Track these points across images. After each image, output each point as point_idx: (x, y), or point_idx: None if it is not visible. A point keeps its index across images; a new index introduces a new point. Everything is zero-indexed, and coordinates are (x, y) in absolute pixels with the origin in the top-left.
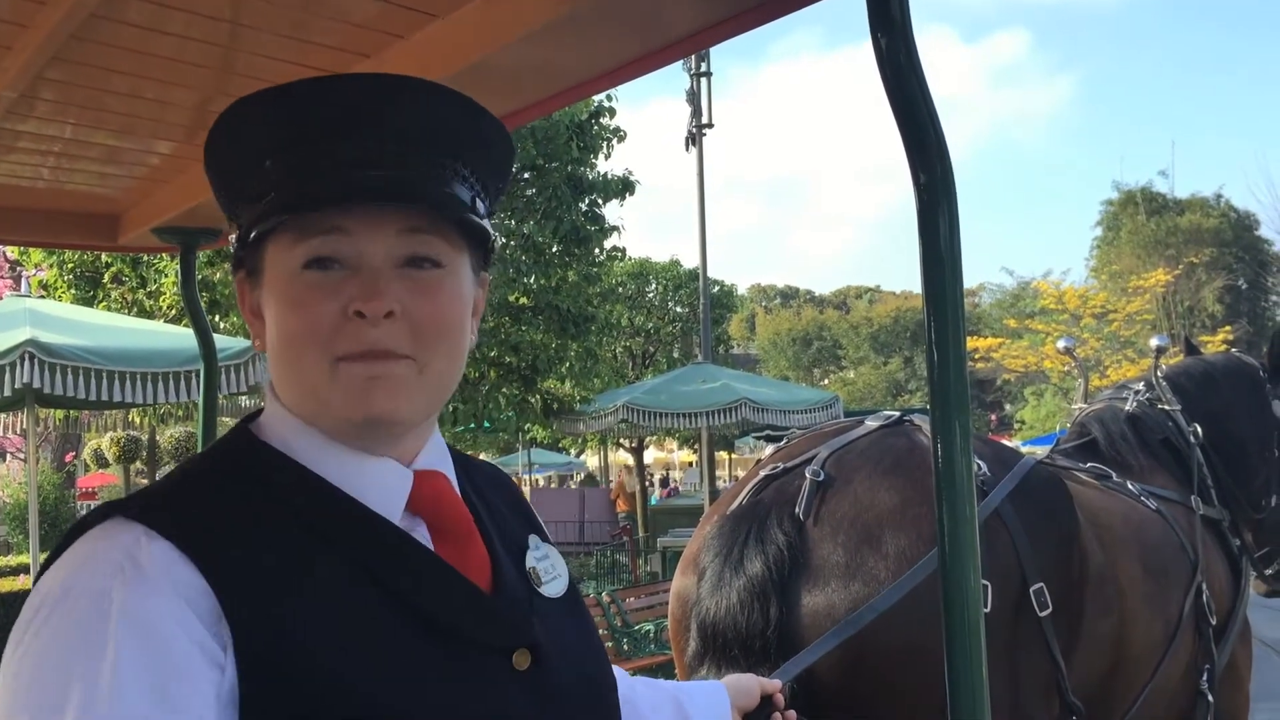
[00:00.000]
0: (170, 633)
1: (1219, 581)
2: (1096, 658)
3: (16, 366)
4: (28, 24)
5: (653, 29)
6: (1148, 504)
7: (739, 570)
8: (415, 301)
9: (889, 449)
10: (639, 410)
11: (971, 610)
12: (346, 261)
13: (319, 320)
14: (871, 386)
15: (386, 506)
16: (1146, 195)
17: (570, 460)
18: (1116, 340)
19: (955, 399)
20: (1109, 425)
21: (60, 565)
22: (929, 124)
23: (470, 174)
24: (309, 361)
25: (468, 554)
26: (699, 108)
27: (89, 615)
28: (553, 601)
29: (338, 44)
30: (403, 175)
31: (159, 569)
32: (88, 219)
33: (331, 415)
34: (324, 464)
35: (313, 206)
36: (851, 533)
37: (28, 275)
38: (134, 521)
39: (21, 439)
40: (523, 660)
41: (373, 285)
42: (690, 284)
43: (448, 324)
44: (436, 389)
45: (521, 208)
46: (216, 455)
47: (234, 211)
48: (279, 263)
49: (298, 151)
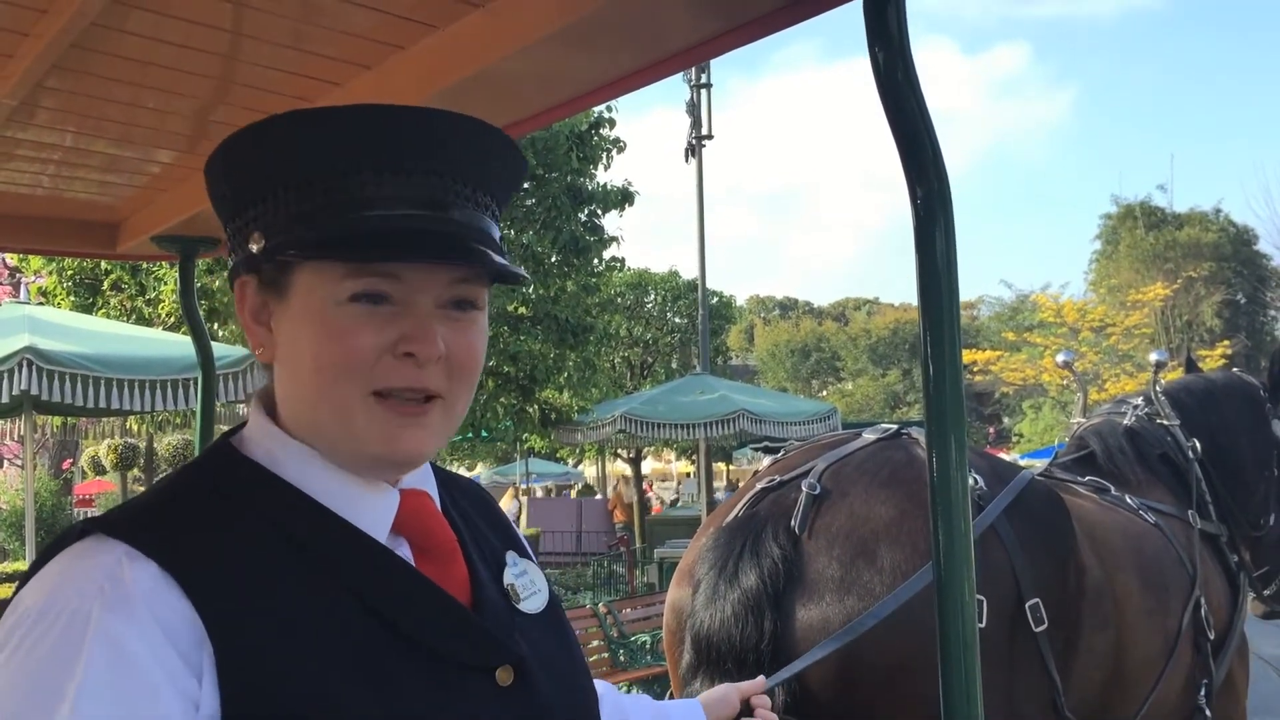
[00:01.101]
0: (144, 665)
1: (1217, 596)
2: (1094, 671)
3: (15, 373)
4: (28, 32)
5: (651, 42)
6: (1146, 518)
7: (734, 583)
8: (455, 343)
9: (885, 462)
10: (637, 421)
11: (967, 625)
12: (395, 299)
13: (362, 353)
14: (870, 398)
15: (373, 526)
16: (1145, 209)
17: (568, 470)
18: (1115, 354)
19: (951, 413)
20: (1107, 439)
21: (41, 581)
22: (926, 139)
23: (494, 204)
24: (342, 391)
25: (450, 572)
26: (699, 119)
27: (65, 636)
28: (533, 618)
29: (337, 55)
30: (463, 230)
31: (140, 593)
32: (87, 227)
33: (355, 446)
34: (312, 482)
35: (380, 256)
36: (847, 546)
37: (27, 282)
38: (117, 540)
39: (19, 446)
40: (505, 677)
41: (426, 328)
42: (689, 294)
43: (479, 362)
44: (455, 425)
45: (521, 218)
46: (199, 471)
47: (246, 219)
48: (319, 289)
49: (356, 180)
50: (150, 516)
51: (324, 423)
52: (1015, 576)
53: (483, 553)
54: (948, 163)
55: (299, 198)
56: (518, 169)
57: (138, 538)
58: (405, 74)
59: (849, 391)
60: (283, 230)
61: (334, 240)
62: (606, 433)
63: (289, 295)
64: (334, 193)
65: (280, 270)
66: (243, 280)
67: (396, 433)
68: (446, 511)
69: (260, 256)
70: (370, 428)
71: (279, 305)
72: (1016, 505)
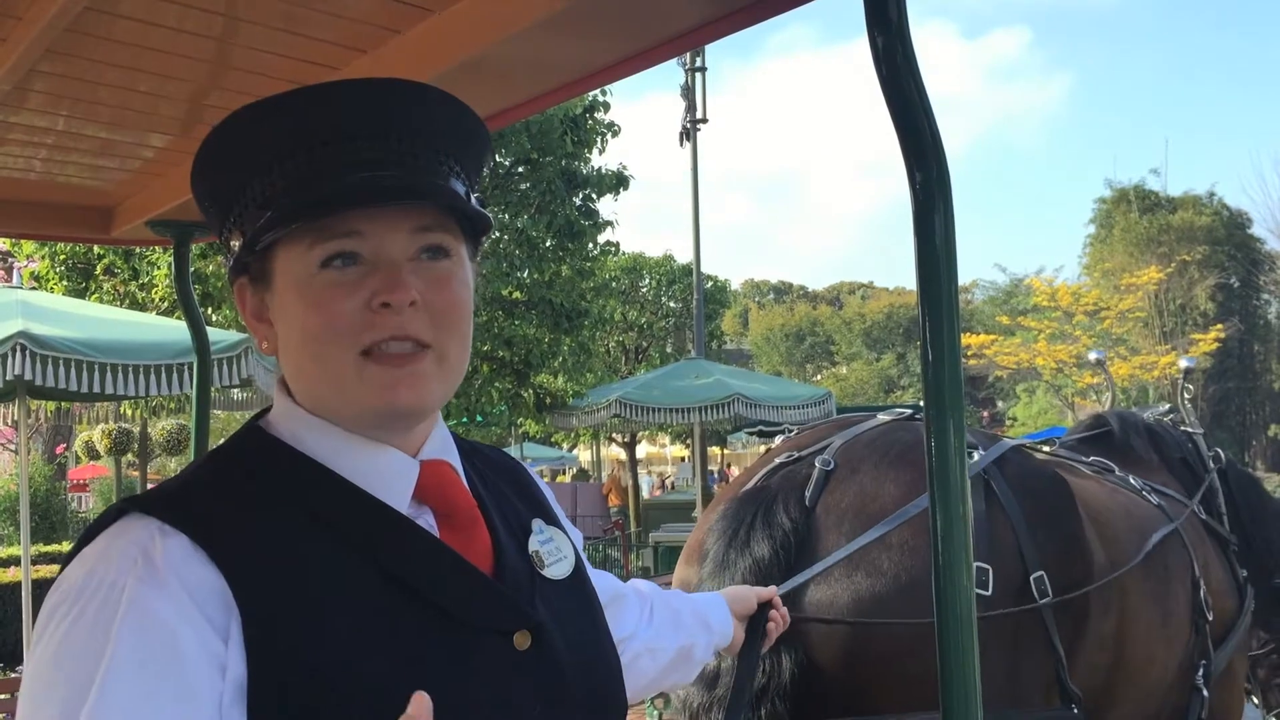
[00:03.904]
0: (174, 631)
1: (1218, 581)
2: (1100, 655)
3: (8, 358)
4: (22, 16)
5: (647, 26)
6: (1149, 499)
7: (745, 552)
8: (431, 291)
9: (895, 441)
10: (632, 405)
11: (964, 606)
12: (364, 259)
13: (343, 316)
14: (864, 382)
15: (394, 496)
16: (1139, 193)
17: (562, 455)
18: (1109, 338)
19: (950, 397)
20: (1127, 420)
21: (82, 559)
22: (925, 123)
23: (460, 168)
24: (335, 356)
25: (472, 539)
26: (693, 103)
27: (103, 608)
28: (556, 584)
29: (334, 39)
30: (413, 176)
31: (170, 564)
32: (81, 211)
33: (355, 407)
34: (334, 457)
35: (330, 211)
36: (856, 522)
37: (19, 267)
38: (150, 516)
39: (12, 431)
40: (523, 641)
41: (395, 277)
42: (683, 279)
43: (461, 310)
44: (452, 376)
45: (515, 202)
46: (228, 452)
47: (228, 224)
48: (294, 266)
49: (306, 157)
50: (182, 494)
51: (324, 391)
52: (1020, 551)
53: (507, 520)
54: (945, 149)
55: (262, 186)
56: (471, 127)
57: (169, 514)
58: (402, 58)
59: (843, 376)
60: (253, 220)
61: (292, 210)
62: (601, 417)
63: (273, 281)
64: (289, 172)
65: (262, 260)
66: (240, 283)
67: (392, 385)
68: (470, 481)
69: (243, 253)
70: (365, 386)
71: (269, 295)
72: (1022, 484)
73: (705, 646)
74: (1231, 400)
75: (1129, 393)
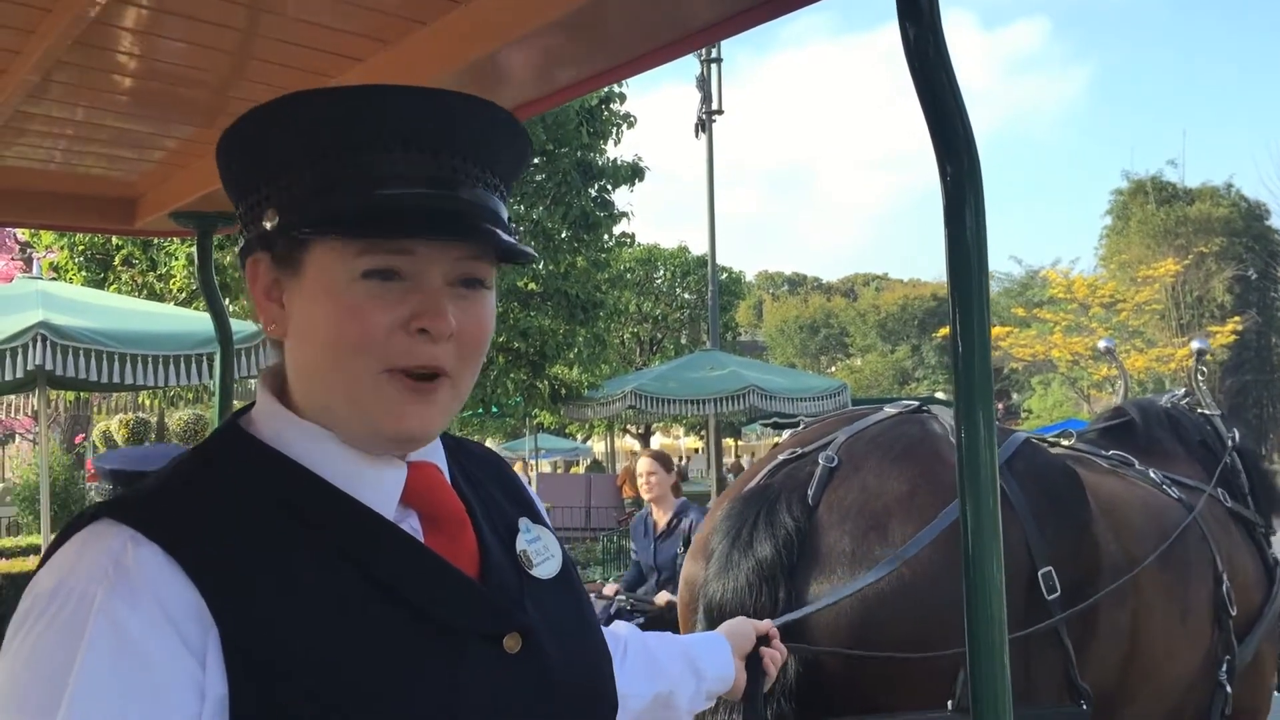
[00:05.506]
0: (145, 648)
1: (1244, 573)
2: (1112, 649)
3: (29, 348)
4: (51, 8)
5: (678, 18)
6: (1170, 492)
7: (747, 553)
8: (464, 319)
9: (900, 437)
10: (646, 396)
11: (994, 602)
12: (405, 275)
13: (375, 330)
14: (878, 374)
15: (381, 501)
16: (1156, 184)
17: (576, 446)
18: (1125, 330)
19: (980, 390)
20: (1148, 410)
21: (52, 565)
22: (957, 116)
23: (501, 184)
24: (356, 368)
25: (459, 542)
26: (709, 94)
27: (71, 619)
28: (545, 583)
29: (358, 30)
30: (474, 205)
31: (144, 577)
32: (105, 203)
33: (362, 422)
34: (320, 461)
35: (394, 234)
36: (859, 521)
37: (39, 257)
38: (123, 524)
39: (32, 420)
40: (513, 644)
41: (438, 304)
42: (698, 270)
43: (486, 342)
44: (459, 403)
45: (531, 193)
46: (207, 453)
47: (262, 195)
48: (334, 265)
49: (370, 156)
50: (157, 500)
51: (334, 399)
52: (1028, 545)
53: (494, 521)
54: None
55: (312, 175)
56: (524, 149)
57: (143, 521)
58: (426, 50)
59: (858, 367)
60: (297, 208)
61: (349, 218)
62: (616, 408)
63: (303, 272)
64: (346, 170)
65: (294, 247)
66: (255, 258)
67: (405, 410)
68: (455, 481)
69: (274, 234)
70: (379, 405)
71: (292, 282)
72: (1030, 476)
73: (693, 695)
74: (1249, 393)
75: (1144, 385)
